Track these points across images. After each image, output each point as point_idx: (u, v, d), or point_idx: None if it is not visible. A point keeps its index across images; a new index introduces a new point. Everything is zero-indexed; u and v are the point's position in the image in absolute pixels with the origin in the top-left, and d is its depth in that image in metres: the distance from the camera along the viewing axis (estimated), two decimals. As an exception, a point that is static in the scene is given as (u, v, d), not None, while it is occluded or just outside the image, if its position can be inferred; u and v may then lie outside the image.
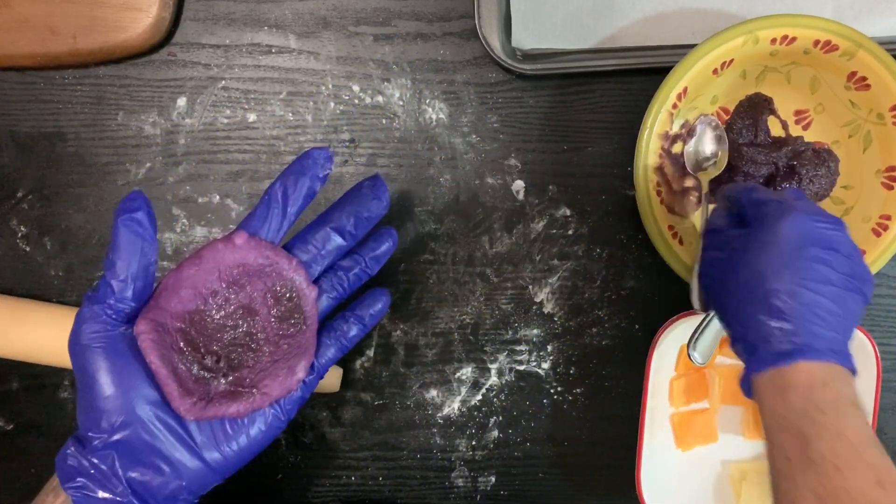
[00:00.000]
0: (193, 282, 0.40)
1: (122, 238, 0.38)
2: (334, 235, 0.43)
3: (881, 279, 0.55)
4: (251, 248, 0.40)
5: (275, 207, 0.41)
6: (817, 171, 0.49)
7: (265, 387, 0.41)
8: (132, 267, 0.38)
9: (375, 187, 0.44)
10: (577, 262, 0.55)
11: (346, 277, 0.45)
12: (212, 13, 0.53)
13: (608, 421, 0.56)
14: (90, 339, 0.38)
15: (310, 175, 0.42)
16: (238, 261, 0.40)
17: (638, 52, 0.51)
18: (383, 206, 0.44)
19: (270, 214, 0.41)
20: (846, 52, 0.47)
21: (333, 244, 0.43)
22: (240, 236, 0.40)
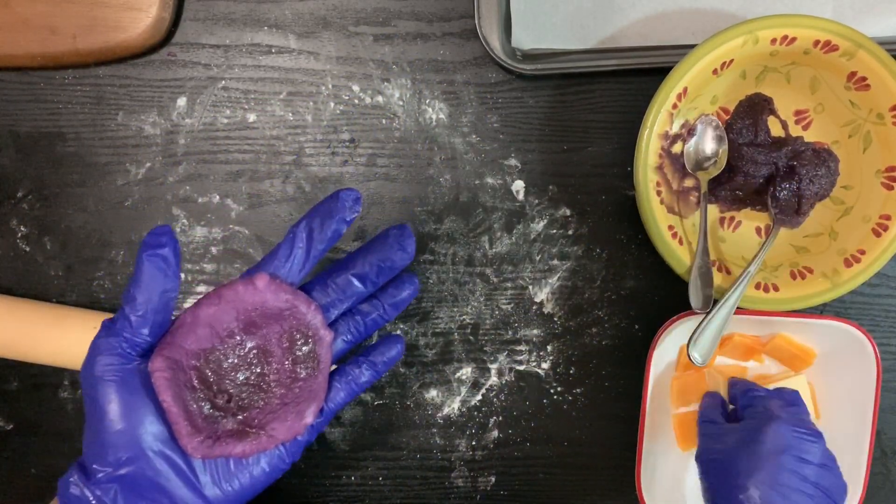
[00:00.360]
0: (211, 321, 0.40)
1: (145, 273, 0.37)
2: (355, 282, 0.43)
3: (881, 279, 0.55)
4: (271, 291, 0.40)
5: (298, 249, 0.41)
6: (817, 171, 0.49)
7: (272, 429, 0.41)
8: (152, 303, 0.38)
9: (402, 238, 0.43)
10: (577, 262, 0.55)
11: (364, 322, 0.44)
12: (212, 13, 0.53)
13: (608, 421, 0.56)
14: (104, 371, 0.37)
15: (336, 218, 0.41)
16: (257, 303, 0.40)
17: (638, 52, 0.51)
18: (408, 257, 0.43)
19: (293, 256, 0.41)
20: (846, 52, 0.47)
21: (353, 290, 0.43)
22: (261, 279, 0.40)
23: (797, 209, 0.50)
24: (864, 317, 0.56)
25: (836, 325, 0.51)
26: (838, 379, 0.53)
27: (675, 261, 0.49)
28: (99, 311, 0.54)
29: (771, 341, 0.54)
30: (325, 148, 0.54)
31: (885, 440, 0.57)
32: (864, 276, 0.49)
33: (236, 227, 0.55)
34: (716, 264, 0.51)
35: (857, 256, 0.49)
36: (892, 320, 0.56)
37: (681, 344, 0.53)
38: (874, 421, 0.51)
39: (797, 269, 0.51)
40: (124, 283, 0.55)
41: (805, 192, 0.50)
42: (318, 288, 0.43)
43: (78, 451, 0.56)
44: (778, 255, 0.53)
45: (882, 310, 0.56)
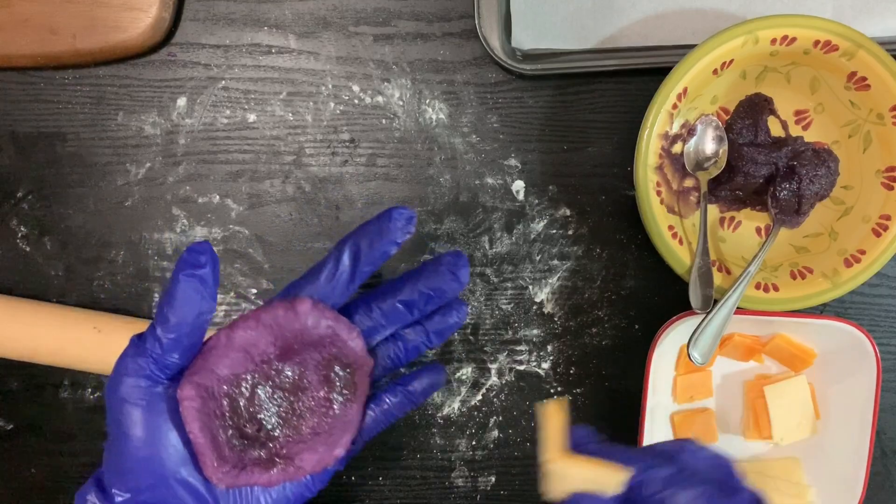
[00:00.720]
0: (246, 345, 0.37)
1: (180, 294, 0.35)
2: (402, 309, 0.40)
3: (881, 279, 0.55)
4: (313, 317, 0.38)
5: (343, 271, 0.38)
6: (817, 171, 0.49)
7: (302, 459, 0.39)
8: (185, 325, 0.35)
9: (456, 266, 0.40)
10: (577, 262, 0.55)
11: (405, 349, 0.42)
12: (212, 13, 0.53)
13: (608, 421, 0.56)
14: (129, 394, 0.35)
15: (387, 239, 0.38)
16: (297, 329, 0.38)
17: (638, 53, 0.51)
18: (460, 287, 0.40)
19: (337, 277, 0.38)
20: (846, 52, 0.47)
21: (399, 317, 0.40)
22: (303, 304, 0.38)
23: (797, 209, 0.50)
24: (864, 317, 0.56)
25: (836, 325, 0.51)
26: (838, 379, 0.53)
27: (675, 261, 0.49)
28: (99, 311, 0.54)
29: (771, 341, 0.54)
30: (325, 148, 0.54)
31: (885, 440, 0.57)
32: (864, 276, 0.49)
33: (236, 227, 0.55)
34: (716, 264, 0.51)
35: (857, 256, 0.49)
36: (892, 320, 0.56)
37: (681, 344, 0.53)
38: (874, 421, 0.51)
39: (797, 269, 0.51)
40: (124, 283, 0.55)
41: (805, 192, 0.50)
42: (361, 311, 0.40)
43: (78, 451, 0.56)
44: (778, 255, 0.53)
45: (882, 310, 0.56)
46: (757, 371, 0.55)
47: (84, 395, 0.56)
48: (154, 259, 0.55)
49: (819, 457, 0.54)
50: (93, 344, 0.52)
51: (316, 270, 0.38)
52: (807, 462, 0.54)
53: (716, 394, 0.55)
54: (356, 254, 0.38)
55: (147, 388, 0.35)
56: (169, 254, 0.55)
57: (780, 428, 0.53)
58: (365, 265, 0.38)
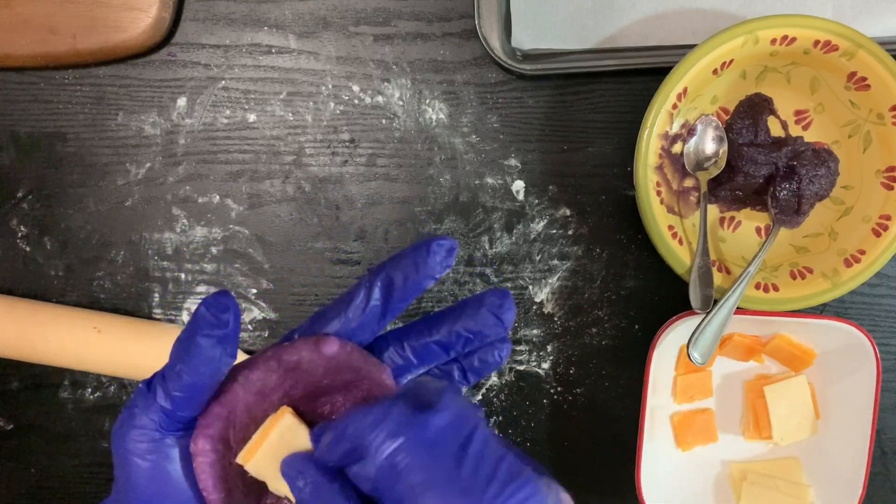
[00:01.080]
0: (266, 390, 0.34)
1: (197, 354, 0.31)
2: (437, 350, 0.36)
3: (881, 279, 0.55)
4: (341, 358, 0.34)
5: (374, 306, 0.34)
6: (817, 171, 0.49)
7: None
8: (200, 385, 0.32)
9: (501, 309, 0.35)
10: (577, 262, 0.55)
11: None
12: (212, 13, 0.53)
13: (608, 421, 0.56)
14: (136, 447, 0.32)
15: (424, 274, 0.33)
16: (322, 373, 0.34)
17: (638, 53, 0.51)
18: (505, 330, 0.36)
19: (368, 314, 0.34)
20: (846, 52, 0.47)
21: (433, 358, 0.36)
22: (330, 345, 0.33)
23: (797, 209, 0.50)
24: (864, 317, 0.56)
25: (836, 325, 0.51)
26: (838, 379, 0.53)
27: (675, 261, 0.49)
28: (99, 311, 0.54)
29: (771, 341, 0.54)
30: (325, 148, 0.54)
31: (885, 440, 0.57)
32: (864, 276, 0.49)
33: (236, 227, 0.55)
34: (716, 264, 0.51)
35: (857, 256, 0.49)
36: (892, 320, 0.56)
37: (681, 344, 0.53)
38: (874, 421, 0.51)
39: (797, 269, 0.51)
40: (124, 283, 0.55)
41: (805, 192, 0.50)
42: (392, 348, 0.36)
43: (78, 451, 0.56)
44: (778, 255, 0.53)
45: (882, 310, 0.56)
46: (757, 371, 0.55)
47: (84, 395, 0.56)
48: (154, 259, 0.55)
49: (819, 457, 0.54)
50: (93, 344, 0.52)
51: (343, 303, 0.34)
52: (807, 462, 0.54)
53: (716, 394, 0.55)
54: (389, 288, 0.34)
55: (155, 441, 0.32)
56: (169, 254, 0.55)
57: (780, 428, 0.53)
58: (398, 301, 0.34)
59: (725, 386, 0.55)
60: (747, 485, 0.54)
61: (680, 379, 0.54)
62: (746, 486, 0.54)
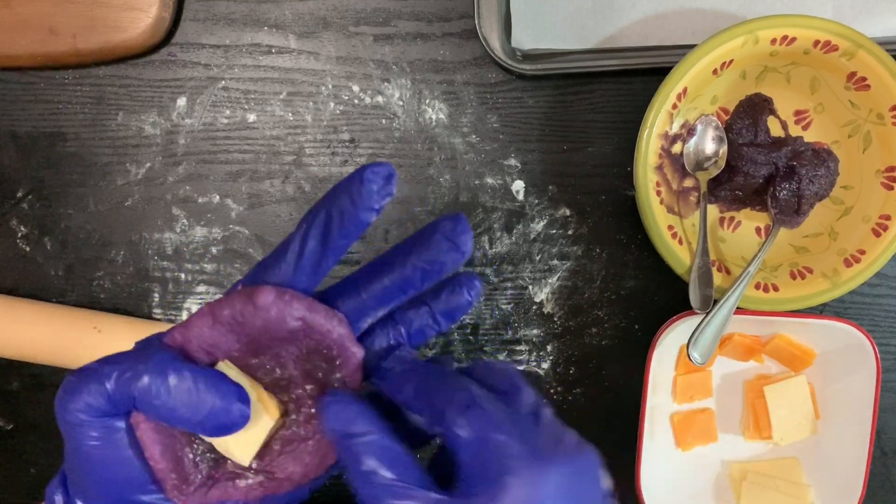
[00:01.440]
0: (206, 346, 0.31)
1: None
2: (394, 289, 0.33)
3: (881, 279, 0.55)
4: (278, 307, 0.31)
5: (311, 251, 0.31)
6: (817, 171, 0.49)
7: (286, 470, 0.32)
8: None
9: (455, 233, 0.32)
10: (577, 262, 0.55)
11: (408, 333, 0.35)
12: (212, 13, 0.53)
13: (608, 421, 0.56)
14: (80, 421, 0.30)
15: (362, 207, 0.30)
16: (261, 326, 0.31)
17: (638, 53, 0.51)
18: (462, 257, 0.33)
19: (305, 257, 0.31)
20: (846, 53, 0.47)
21: (392, 298, 0.33)
22: (264, 294, 0.30)
23: (797, 209, 0.50)
24: (864, 317, 0.56)
25: (836, 325, 0.51)
26: (838, 379, 0.53)
27: (675, 261, 0.49)
28: (99, 311, 0.54)
29: (771, 341, 0.54)
30: (325, 148, 0.54)
31: (885, 440, 0.57)
32: (864, 276, 0.49)
33: (236, 227, 0.55)
34: (716, 264, 0.51)
35: (857, 256, 0.49)
36: (892, 320, 0.56)
37: (681, 344, 0.53)
38: (874, 421, 0.51)
39: (797, 269, 0.51)
40: (124, 283, 0.55)
41: (805, 192, 0.50)
42: (347, 293, 0.33)
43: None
44: (778, 255, 0.53)
45: (882, 310, 0.56)
46: (757, 371, 0.55)
47: (84, 395, 0.56)
48: (154, 259, 0.55)
49: (819, 457, 0.54)
50: (93, 344, 0.52)
51: (279, 253, 0.32)
52: (807, 462, 0.54)
53: (716, 394, 0.55)
54: (326, 227, 0.31)
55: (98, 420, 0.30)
56: (169, 254, 0.55)
57: (780, 428, 0.53)
58: (338, 239, 0.31)
59: (725, 386, 0.55)
60: (747, 485, 0.54)
61: (680, 379, 0.54)
62: (746, 486, 0.54)
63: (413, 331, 0.35)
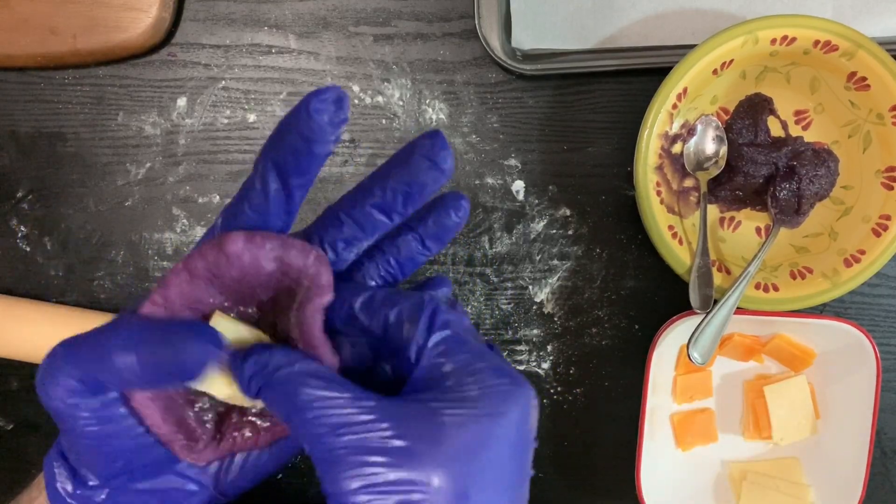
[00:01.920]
0: (188, 302, 0.30)
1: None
2: (377, 215, 0.32)
3: (881, 279, 0.55)
4: (252, 252, 0.30)
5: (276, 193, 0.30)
6: (817, 171, 0.49)
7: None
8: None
9: (433, 150, 0.30)
10: (577, 262, 0.55)
11: (399, 262, 0.34)
12: (212, 13, 0.53)
13: (608, 421, 0.56)
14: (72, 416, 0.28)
15: (315, 141, 0.28)
16: (238, 274, 0.30)
17: (638, 53, 0.51)
18: (443, 175, 0.31)
19: (271, 202, 0.30)
20: (846, 53, 0.47)
21: (376, 225, 0.32)
22: (233, 242, 0.29)
23: (797, 209, 0.50)
24: (864, 317, 0.56)
25: (836, 325, 0.51)
26: (838, 379, 0.53)
27: (675, 261, 0.49)
28: (99, 311, 0.54)
29: (771, 341, 0.54)
30: (325, 148, 0.54)
31: (885, 440, 0.57)
32: (864, 276, 0.49)
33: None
34: (716, 264, 0.51)
35: (857, 256, 0.49)
36: (892, 320, 0.56)
37: (681, 344, 0.53)
38: (874, 421, 0.51)
39: (797, 269, 0.51)
40: (124, 283, 0.55)
41: (805, 192, 0.50)
42: (328, 226, 0.32)
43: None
44: (778, 255, 0.53)
45: (882, 310, 0.56)
46: (757, 371, 0.55)
47: (84, 395, 0.56)
48: (154, 259, 0.55)
49: (819, 457, 0.54)
50: (93, 344, 0.52)
51: (243, 196, 0.30)
52: (807, 462, 0.54)
53: (716, 394, 0.55)
54: (283, 168, 0.29)
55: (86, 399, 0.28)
56: (169, 254, 0.55)
57: (780, 428, 0.53)
58: (298, 176, 0.29)
59: (725, 386, 0.55)
60: (747, 485, 0.54)
61: (680, 379, 0.54)
62: (746, 486, 0.54)
63: (402, 259, 0.34)
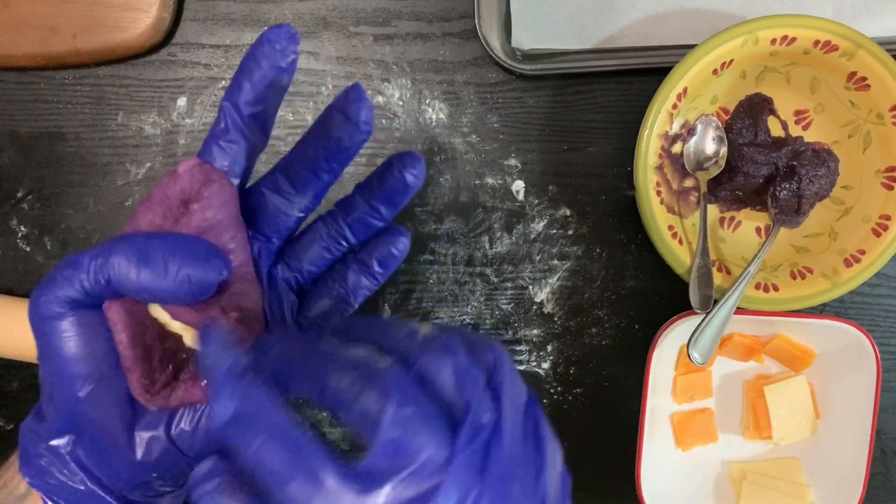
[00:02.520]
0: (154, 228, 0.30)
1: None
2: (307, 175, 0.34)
3: (881, 279, 0.55)
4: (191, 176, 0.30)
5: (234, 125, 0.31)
6: (817, 171, 0.49)
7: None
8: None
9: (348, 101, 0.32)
10: (577, 262, 0.55)
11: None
12: (212, 13, 0.53)
13: (608, 421, 0.56)
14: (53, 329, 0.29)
15: (267, 64, 0.30)
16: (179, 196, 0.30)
17: (638, 53, 0.51)
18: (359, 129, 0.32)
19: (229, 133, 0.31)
20: (846, 53, 0.47)
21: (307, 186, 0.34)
22: (185, 163, 0.30)
23: (797, 209, 0.50)
24: (864, 317, 0.56)
25: (836, 325, 0.51)
26: (838, 379, 0.53)
27: (675, 261, 0.49)
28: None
29: (771, 341, 0.54)
30: (325, 148, 0.54)
31: (885, 440, 0.57)
32: (864, 276, 0.49)
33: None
34: (716, 264, 0.51)
35: (857, 256, 0.49)
36: (892, 320, 0.56)
37: (681, 344, 0.53)
38: (874, 421, 0.51)
39: (797, 269, 0.51)
40: (124, 283, 0.55)
41: (805, 192, 0.50)
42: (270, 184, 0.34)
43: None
44: (778, 255, 0.53)
45: (882, 310, 0.56)
46: (757, 371, 0.55)
47: (84, 395, 0.56)
48: (154, 259, 0.55)
49: (819, 457, 0.54)
50: (93, 344, 0.52)
51: (208, 135, 0.31)
52: (807, 462, 0.54)
53: (716, 394, 0.55)
54: (237, 100, 0.30)
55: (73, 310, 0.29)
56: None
57: (780, 428, 0.53)
58: (252, 106, 0.31)
59: (725, 386, 0.55)
60: (747, 485, 0.54)
61: (680, 379, 0.54)
62: (746, 486, 0.54)
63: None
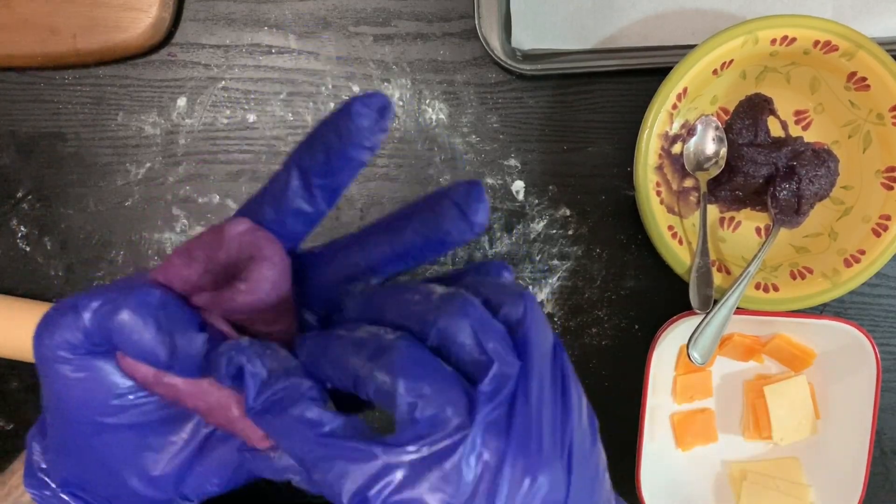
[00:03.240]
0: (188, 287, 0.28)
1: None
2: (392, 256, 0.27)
3: (881, 279, 0.55)
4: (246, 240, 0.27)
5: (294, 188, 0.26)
6: (817, 172, 0.49)
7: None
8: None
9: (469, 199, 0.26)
10: (577, 262, 0.55)
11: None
12: (212, 13, 0.53)
13: (608, 421, 0.56)
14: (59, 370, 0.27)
15: (351, 143, 0.25)
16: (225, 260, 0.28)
17: (638, 53, 0.51)
18: (473, 230, 0.26)
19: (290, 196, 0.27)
20: (846, 53, 0.47)
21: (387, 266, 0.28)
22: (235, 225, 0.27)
23: (797, 209, 0.50)
24: (864, 317, 0.56)
25: (836, 325, 0.51)
26: (838, 379, 0.53)
27: (675, 261, 0.49)
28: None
29: (771, 341, 0.54)
30: (325, 148, 0.54)
31: (885, 440, 0.57)
32: (864, 276, 0.49)
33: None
34: (716, 264, 0.51)
35: (857, 256, 0.49)
36: (892, 320, 0.56)
37: (681, 344, 0.53)
38: (874, 421, 0.51)
39: (797, 269, 0.51)
40: (124, 283, 0.55)
41: (805, 192, 0.50)
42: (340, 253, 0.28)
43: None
44: (778, 255, 0.53)
45: (882, 310, 0.56)
46: (757, 371, 0.55)
47: (84, 395, 0.56)
48: (154, 259, 0.55)
49: (819, 457, 0.54)
50: (93, 344, 0.52)
51: (263, 190, 0.28)
52: (807, 462, 0.54)
53: (716, 394, 0.55)
54: (306, 166, 0.26)
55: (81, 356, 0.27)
56: (169, 254, 0.55)
57: (780, 428, 0.53)
58: (320, 177, 0.26)
59: (725, 386, 0.55)
60: (747, 485, 0.54)
61: (680, 379, 0.54)
62: (746, 486, 0.54)
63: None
